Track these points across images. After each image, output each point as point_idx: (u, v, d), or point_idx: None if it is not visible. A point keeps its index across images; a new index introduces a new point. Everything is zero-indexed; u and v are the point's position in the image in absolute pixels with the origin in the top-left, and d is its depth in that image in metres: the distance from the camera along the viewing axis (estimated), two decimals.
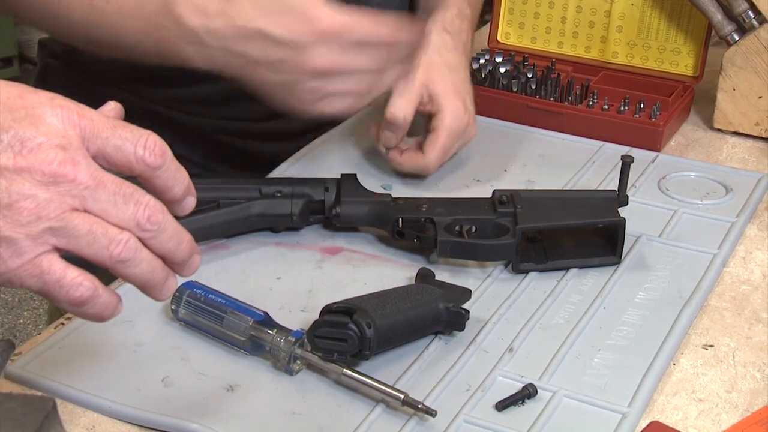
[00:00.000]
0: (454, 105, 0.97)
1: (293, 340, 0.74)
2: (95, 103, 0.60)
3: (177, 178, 0.59)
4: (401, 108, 0.96)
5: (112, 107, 0.60)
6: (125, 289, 0.63)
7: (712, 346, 0.80)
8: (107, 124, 0.57)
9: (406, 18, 0.84)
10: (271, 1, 0.81)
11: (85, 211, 0.55)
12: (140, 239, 0.56)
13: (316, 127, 1.10)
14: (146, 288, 0.59)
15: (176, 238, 0.58)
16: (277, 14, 0.80)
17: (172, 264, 0.59)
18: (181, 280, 0.79)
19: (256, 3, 0.81)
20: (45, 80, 1.12)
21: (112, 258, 0.56)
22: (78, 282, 0.55)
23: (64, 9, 0.85)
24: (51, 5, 0.86)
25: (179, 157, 0.60)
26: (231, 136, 1.13)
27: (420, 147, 0.99)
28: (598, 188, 1.01)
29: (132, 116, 0.58)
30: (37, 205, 0.54)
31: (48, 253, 0.55)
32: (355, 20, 0.81)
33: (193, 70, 0.85)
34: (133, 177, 0.58)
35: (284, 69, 0.82)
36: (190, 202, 0.61)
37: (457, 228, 0.89)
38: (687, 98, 1.16)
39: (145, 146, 0.57)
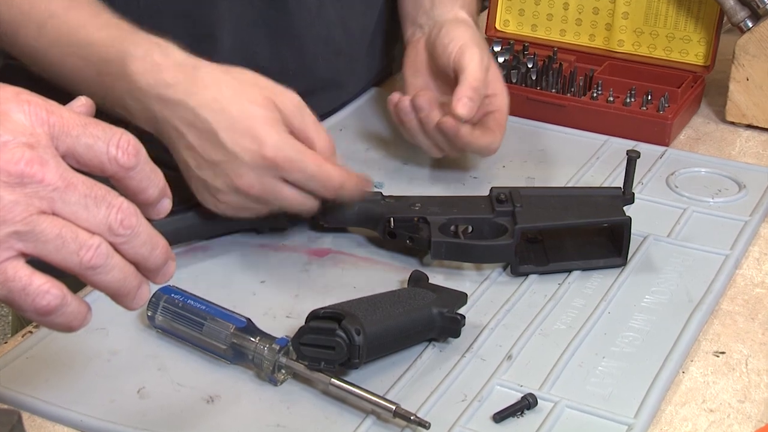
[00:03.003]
0: (504, 86, 1.02)
1: (278, 348, 0.74)
2: (62, 101, 0.60)
3: (152, 179, 0.59)
4: (470, 110, 0.96)
5: (83, 103, 0.60)
6: (96, 296, 0.63)
7: (723, 352, 0.80)
8: (78, 121, 0.56)
9: (354, 175, 0.86)
10: (231, 101, 0.82)
11: (54, 214, 0.55)
12: (112, 244, 0.56)
13: None
14: (118, 296, 0.58)
15: (150, 243, 0.58)
16: (231, 118, 0.82)
17: (145, 271, 0.59)
18: (155, 287, 0.79)
19: (218, 92, 0.83)
20: (6, 82, 1.12)
21: (81, 264, 0.55)
22: (45, 290, 0.55)
23: (19, 31, 0.87)
24: (10, 25, 0.87)
25: (154, 159, 0.60)
26: None
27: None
28: (603, 185, 1.01)
29: (102, 115, 0.58)
30: (1, 207, 0.53)
31: (13, 258, 0.54)
32: (303, 158, 0.82)
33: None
34: (104, 178, 0.58)
35: (212, 170, 0.84)
36: (166, 205, 0.60)
37: (452, 228, 0.89)
38: (697, 89, 1.17)
39: (118, 145, 0.57)
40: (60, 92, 0.72)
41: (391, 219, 0.89)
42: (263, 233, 0.93)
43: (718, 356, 0.80)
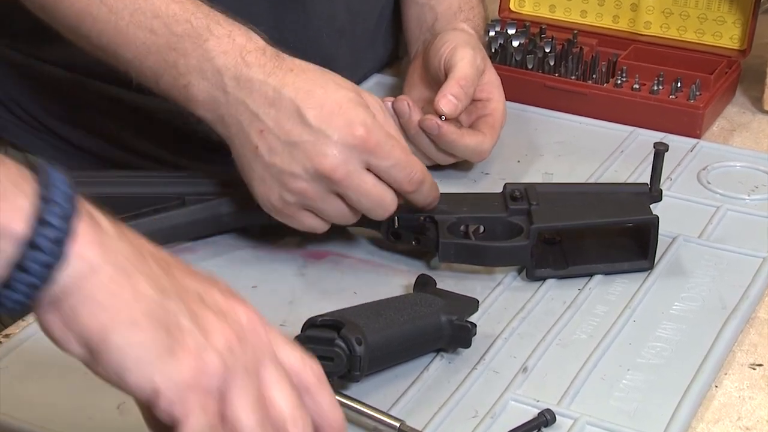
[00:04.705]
0: (503, 96, 1.03)
1: None
2: (41, 92, 0.60)
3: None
4: (453, 107, 0.97)
5: None
6: None
7: (760, 365, 0.80)
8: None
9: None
10: (319, 83, 0.84)
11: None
12: None
13: None
14: None
15: None
16: (319, 97, 0.84)
17: None
18: None
19: (304, 75, 0.85)
20: None
21: None
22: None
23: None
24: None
25: (146, 155, 0.60)
26: (200, 124, 1.13)
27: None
28: (627, 181, 1.01)
29: (88, 104, 0.58)
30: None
31: None
32: (393, 143, 0.84)
33: (183, 113, 0.88)
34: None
35: (290, 152, 0.84)
36: None
37: (462, 228, 0.89)
38: (732, 76, 1.17)
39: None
40: (37, 83, 0.73)
41: (396, 218, 0.89)
42: (254, 233, 0.93)
43: (754, 369, 0.80)
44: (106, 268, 0.53)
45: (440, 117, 0.97)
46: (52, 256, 0.51)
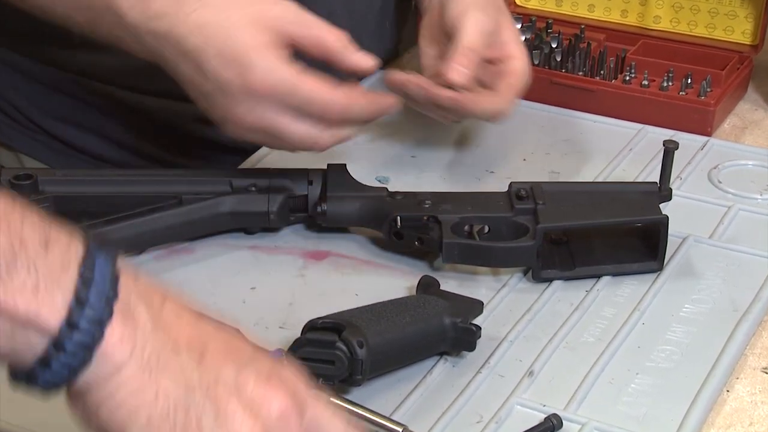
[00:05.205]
0: (525, 54, 1.02)
1: None
2: (35, 92, 0.61)
3: None
4: (463, 77, 0.97)
5: None
6: None
7: None
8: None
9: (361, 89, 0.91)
10: (217, 26, 0.85)
11: None
12: None
13: None
14: None
15: None
16: (217, 45, 0.85)
17: None
18: None
19: (204, 17, 0.85)
20: None
21: None
22: None
23: None
24: None
25: (143, 154, 0.61)
26: (197, 123, 1.13)
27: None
28: (636, 180, 1.01)
29: (83, 104, 0.57)
30: None
31: None
32: (294, 83, 0.85)
33: (181, 113, 0.92)
34: None
35: (206, 102, 0.87)
36: None
37: (466, 228, 0.89)
38: (744, 72, 1.17)
39: None
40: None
41: (398, 218, 0.89)
42: (254, 233, 0.93)
43: (767, 373, 0.80)
44: (131, 366, 0.53)
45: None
46: (75, 359, 0.52)
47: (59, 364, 0.52)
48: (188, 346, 0.56)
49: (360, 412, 0.72)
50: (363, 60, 0.89)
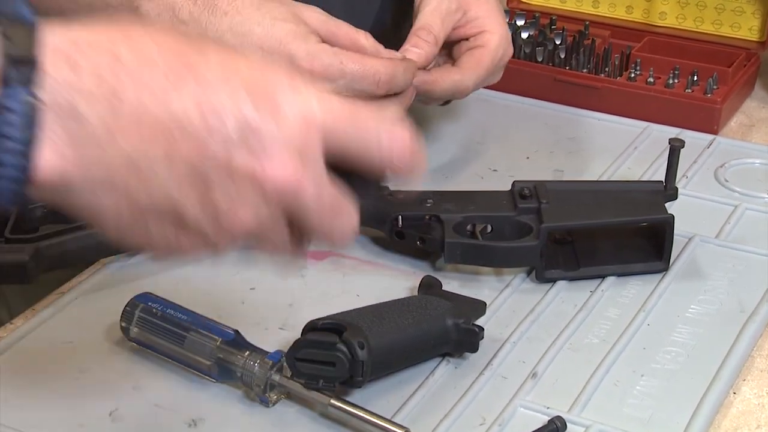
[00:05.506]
0: (501, 27, 1.01)
1: (270, 363, 0.75)
2: None
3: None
4: (414, 53, 0.97)
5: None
6: (66, 301, 0.63)
7: None
8: (347, 112, 0.58)
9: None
10: (255, 21, 0.87)
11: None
12: None
13: None
14: None
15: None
16: (258, 37, 0.86)
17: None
18: (133, 292, 0.80)
19: (239, 15, 0.86)
20: None
21: None
22: None
23: None
24: None
25: None
26: None
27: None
28: (641, 179, 1.01)
29: None
30: (254, 218, 0.57)
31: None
32: (341, 59, 0.87)
33: None
34: None
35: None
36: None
37: (468, 227, 0.89)
38: (751, 69, 1.17)
39: (391, 144, 0.59)
40: None
41: (399, 217, 0.90)
42: None
43: None
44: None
45: None
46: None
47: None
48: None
49: (361, 414, 0.72)
50: (383, 65, 0.90)
